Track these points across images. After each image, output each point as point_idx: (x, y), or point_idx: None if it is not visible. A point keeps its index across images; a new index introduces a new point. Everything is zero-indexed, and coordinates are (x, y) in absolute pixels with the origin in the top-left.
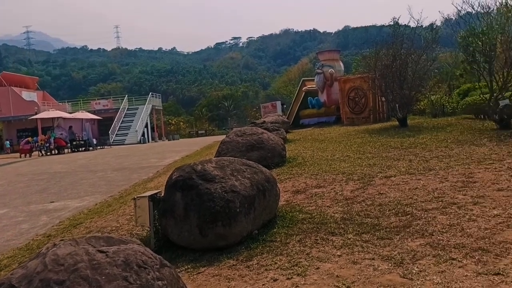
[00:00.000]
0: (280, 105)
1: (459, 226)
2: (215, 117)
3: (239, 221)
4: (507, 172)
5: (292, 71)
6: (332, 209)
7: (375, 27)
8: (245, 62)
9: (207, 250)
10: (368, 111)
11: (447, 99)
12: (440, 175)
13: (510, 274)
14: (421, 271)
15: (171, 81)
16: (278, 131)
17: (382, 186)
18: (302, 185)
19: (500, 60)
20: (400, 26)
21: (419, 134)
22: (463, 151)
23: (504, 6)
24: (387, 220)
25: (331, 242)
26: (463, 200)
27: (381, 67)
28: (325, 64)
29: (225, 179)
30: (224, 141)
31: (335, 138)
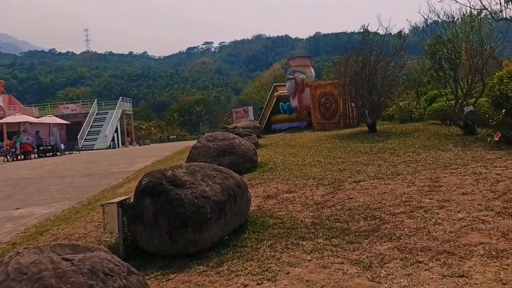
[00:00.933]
0: (252, 110)
1: (426, 229)
2: (186, 122)
3: (209, 227)
4: (471, 177)
5: (264, 77)
6: (302, 214)
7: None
8: (217, 67)
9: (177, 257)
10: (338, 117)
11: (415, 105)
12: (407, 179)
13: (473, 276)
14: (389, 274)
15: (142, 86)
16: (249, 136)
17: (352, 191)
18: (273, 190)
19: (465, 68)
20: (369, 33)
21: (387, 140)
22: (430, 156)
23: (468, 15)
24: (357, 224)
25: (302, 247)
26: (429, 204)
27: (351, 73)
28: (297, 70)
29: (195, 184)
30: (195, 146)
31: (306, 143)
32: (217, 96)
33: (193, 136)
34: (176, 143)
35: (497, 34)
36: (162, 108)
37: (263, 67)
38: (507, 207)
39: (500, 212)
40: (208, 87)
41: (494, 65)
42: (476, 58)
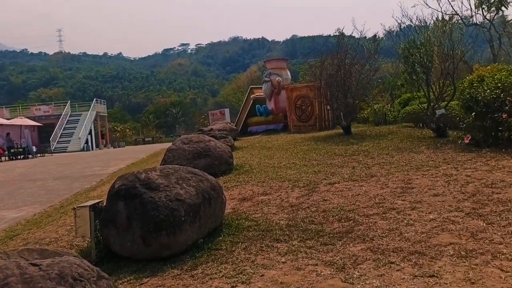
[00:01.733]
0: (228, 112)
1: (398, 230)
2: (162, 124)
3: (184, 230)
4: (442, 178)
5: (241, 79)
6: (277, 216)
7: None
8: (194, 69)
9: (150, 260)
10: (314, 119)
11: (389, 108)
12: (381, 181)
13: (443, 276)
14: (362, 275)
15: (117, 87)
16: (225, 139)
17: (327, 193)
18: (248, 193)
19: (437, 71)
20: (344, 37)
21: (362, 142)
22: (403, 158)
23: (441, 20)
24: (331, 226)
25: (276, 249)
26: (402, 205)
27: (326, 76)
28: (273, 72)
29: (169, 187)
30: (170, 149)
31: (282, 145)
32: (194, 98)
33: (169, 138)
34: (152, 146)
35: (467, 39)
36: (137, 110)
37: (240, 69)
38: (476, 208)
39: (470, 213)
40: (185, 89)
41: (465, 69)
42: (448, 62)
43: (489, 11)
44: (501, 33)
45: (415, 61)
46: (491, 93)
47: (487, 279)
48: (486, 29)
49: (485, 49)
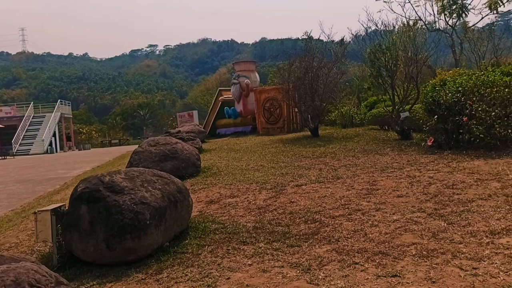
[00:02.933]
0: (197, 114)
1: (363, 231)
2: (130, 126)
3: (149, 234)
4: (406, 180)
5: (210, 81)
6: (244, 219)
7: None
8: (162, 70)
9: (114, 265)
10: (282, 122)
11: (356, 111)
12: (347, 183)
13: (406, 275)
14: (327, 276)
15: (82, 88)
16: (193, 141)
17: (294, 195)
18: (216, 195)
19: (402, 75)
20: (312, 40)
21: (329, 144)
22: (368, 160)
23: (406, 25)
24: (297, 228)
25: (243, 252)
26: (367, 206)
27: (294, 79)
28: (241, 74)
29: (134, 190)
30: (136, 151)
31: (250, 148)
32: (162, 99)
33: (137, 141)
34: (118, 148)
35: (430, 44)
36: (104, 111)
37: (209, 71)
38: (437, 209)
39: (432, 214)
40: (153, 91)
41: (429, 73)
42: (412, 66)
43: (451, 17)
44: (462, 38)
45: (381, 65)
46: (452, 97)
47: (447, 278)
48: (449, 34)
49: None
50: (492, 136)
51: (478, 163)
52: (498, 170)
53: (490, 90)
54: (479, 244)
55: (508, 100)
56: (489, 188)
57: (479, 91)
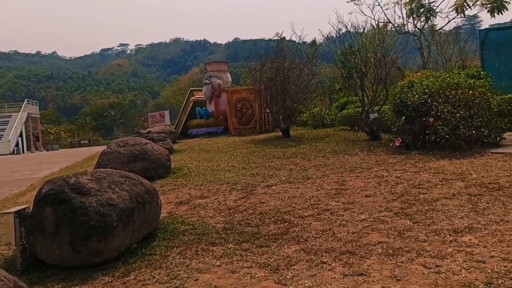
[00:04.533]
0: (168, 114)
1: (331, 231)
2: (100, 126)
3: (116, 236)
4: (374, 180)
5: (182, 81)
6: (214, 219)
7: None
8: (133, 70)
9: (80, 268)
10: (254, 122)
11: (327, 112)
12: (317, 183)
13: (371, 274)
14: (295, 276)
15: (50, 87)
16: (164, 142)
17: (264, 195)
18: (186, 196)
19: (372, 77)
20: (283, 41)
21: (300, 144)
22: (338, 161)
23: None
24: (267, 228)
25: (212, 253)
26: (335, 206)
27: (266, 79)
28: (213, 74)
29: (101, 192)
30: (105, 152)
31: (221, 148)
32: (133, 99)
33: (107, 141)
34: (88, 148)
35: (398, 46)
36: (73, 111)
37: (181, 71)
38: (404, 208)
39: (398, 213)
40: (124, 90)
41: (398, 75)
42: (381, 68)
43: (419, 20)
44: (430, 41)
45: (351, 67)
46: (419, 98)
47: (411, 275)
48: (417, 37)
49: (417, 56)
50: (456, 136)
51: (443, 163)
52: (462, 170)
53: (455, 92)
54: (443, 242)
55: (472, 101)
56: (453, 187)
57: (445, 93)
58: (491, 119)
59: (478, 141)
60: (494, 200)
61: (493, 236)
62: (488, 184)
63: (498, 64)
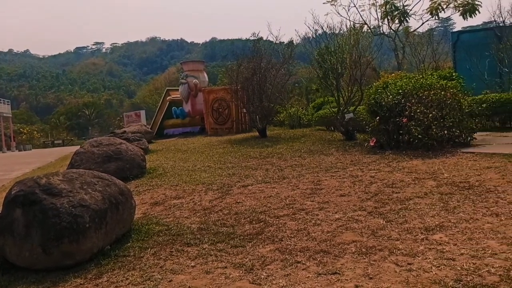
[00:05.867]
0: (144, 114)
1: (306, 230)
2: (74, 126)
3: (88, 237)
4: (349, 179)
5: (159, 80)
6: (189, 220)
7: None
8: (109, 69)
9: (52, 270)
10: (231, 122)
11: (303, 112)
12: (292, 183)
13: (345, 272)
14: (269, 275)
15: (23, 86)
16: (139, 141)
17: (240, 195)
18: (161, 197)
19: (347, 77)
20: (260, 41)
21: (276, 144)
22: (314, 160)
23: (352, 29)
24: (242, 228)
25: (186, 253)
26: (311, 206)
27: (243, 79)
28: (190, 74)
29: (73, 192)
30: (78, 152)
31: (198, 148)
32: (109, 99)
33: (81, 141)
34: (62, 149)
35: (373, 47)
36: (46, 111)
37: (158, 70)
38: (377, 207)
39: (372, 212)
40: (99, 90)
41: (373, 76)
42: (356, 69)
43: (394, 22)
44: (404, 43)
45: (327, 67)
46: (393, 99)
47: (384, 274)
48: (392, 38)
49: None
50: (429, 136)
51: (416, 162)
52: (434, 169)
53: (428, 92)
54: (414, 241)
55: (444, 102)
56: (426, 186)
57: (418, 93)
58: (462, 120)
59: (450, 141)
60: (464, 198)
61: (463, 234)
62: (459, 183)
63: (469, 66)
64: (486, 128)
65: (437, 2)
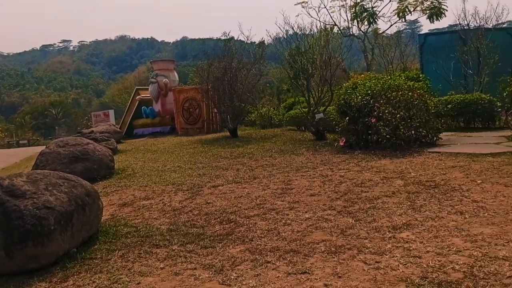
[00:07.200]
0: (113, 114)
1: (276, 230)
2: (40, 125)
3: (53, 240)
4: (319, 179)
5: (128, 79)
6: (159, 221)
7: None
8: (77, 67)
9: (15, 274)
10: (202, 122)
11: (275, 112)
12: (263, 183)
13: (314, 271)
14: (239, 276)
15: None
16: (107, 142)
17: (210, 196)
18: (129, 198)
19: (317, 78)
20: (231, 40)
21: (247, 144)
22: (285, 160)
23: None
24: (212, 229)
25: (155, 255)
26: (281, 206)
27: (213, 79)
28: (160, 73)
29: (37, 194)
30: (43, 153)
31: (168, 148)
32: (76, 98)
33: (48, 141)
34: (27, 149)
35: (343, 48)
36: (11, 110)
37: (128, 69)
38: (347, 206)
39: (341, 211)
40: (66, 88)
41: (343, 77)
42: (326, 69)
43: (363, 24)
44: (373, 44)
45: (298, 68)
46: (362, 99)
47: (352, 272)
48: (361, 40)
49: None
50: (397, 136)
51: (384, 162)
52: (402, 168)
53: (395, 93)
54: (382, 239)
55: (411, 103)
56: (393, 185)
57: (386, 94)
58: (428, 120)
59: (417, 141)
60: (430, 197)
61: (429, 232)
62: (425, 182)
63: (435, 67)
64: (451, 128)
65: (404, 4)
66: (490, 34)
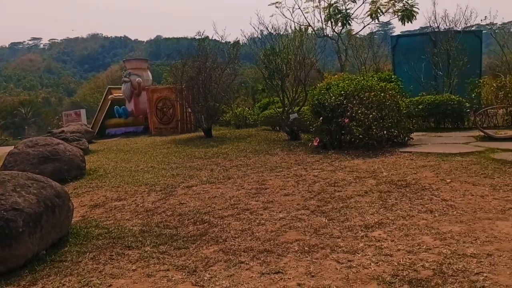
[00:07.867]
0: (85, 113)
1: (250, 230)
2: (9, 125)
3: (22, 242)
4: (293, 179)
5: (101, 78)
6: (131, 222)
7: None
8: (47, 66)
9: None
10: (175, 122)
11: (249, 112)
12: (237, 183)
13: (288, 271)
14: (212, 277)
15: None
16: (79, 142)
17: (184, 196)
18: (101, 199)
19: (291, 78)
20: (206, 40)
21: (222, 144)
22: (259, 160)
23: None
24: (185, 230)
25: (127, 257)
26: (255, 206)
27: (188, 79)
28: (133, 72)
29: (5, 196)
30: (12, 153)
31: (141, 148)
32: (47, 97)
33: (17, 141)
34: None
35: (317, 48)
36: None
37: (100, 68)
38: (320, 206)
39: (315, 211)
40: (36, 87)
41: (317, 77)
42: (300, 70)
43: (337, 25)
44: (347, 45)
45: (273, 68)
46: (336, 100)
47: (325, 271)
48: (335, 41)
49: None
50: (369, 136)
51: (357, 161)
52: (374, 168)
53: (368, 94)
54: (355, 238)
55: (384, 103)
56: (366, 185)
57: (359, 95)
58: (400, 120)
59: (389, 141)
60: (401, 196)
61: (400, 231)
62: (397, 181)
63: (407, 69)
64: (422, 129)
65: (376, 5)
66: (459, 36)
